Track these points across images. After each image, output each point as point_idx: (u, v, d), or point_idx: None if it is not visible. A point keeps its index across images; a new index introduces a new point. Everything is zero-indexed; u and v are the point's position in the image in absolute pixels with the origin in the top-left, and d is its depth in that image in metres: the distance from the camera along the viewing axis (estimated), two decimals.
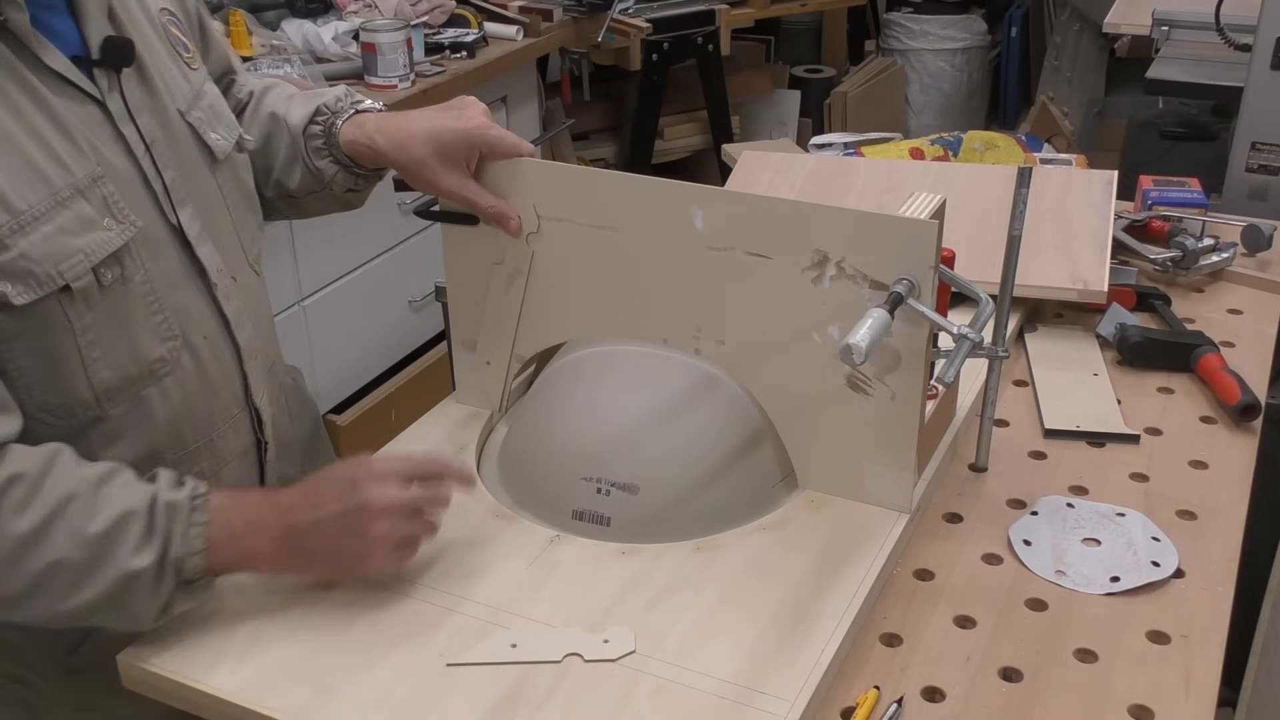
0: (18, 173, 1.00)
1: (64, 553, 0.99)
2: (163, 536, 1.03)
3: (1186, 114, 3.00)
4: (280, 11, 2.90)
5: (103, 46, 1.09)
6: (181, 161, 1.15)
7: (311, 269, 2.62)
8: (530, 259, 1.31)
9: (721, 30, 3.79)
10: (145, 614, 1.04)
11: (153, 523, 1.03)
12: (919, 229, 1.12)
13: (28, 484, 0.99)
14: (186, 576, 1.04)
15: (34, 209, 1.01)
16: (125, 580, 1.01)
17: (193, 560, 1.04)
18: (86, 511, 1.01)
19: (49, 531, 0.99)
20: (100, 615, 1.04)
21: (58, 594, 1.01)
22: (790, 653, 1.05)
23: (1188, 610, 1.14)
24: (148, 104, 1.13)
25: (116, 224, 1.07)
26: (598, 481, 1.21)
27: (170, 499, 1.04)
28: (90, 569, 1.00)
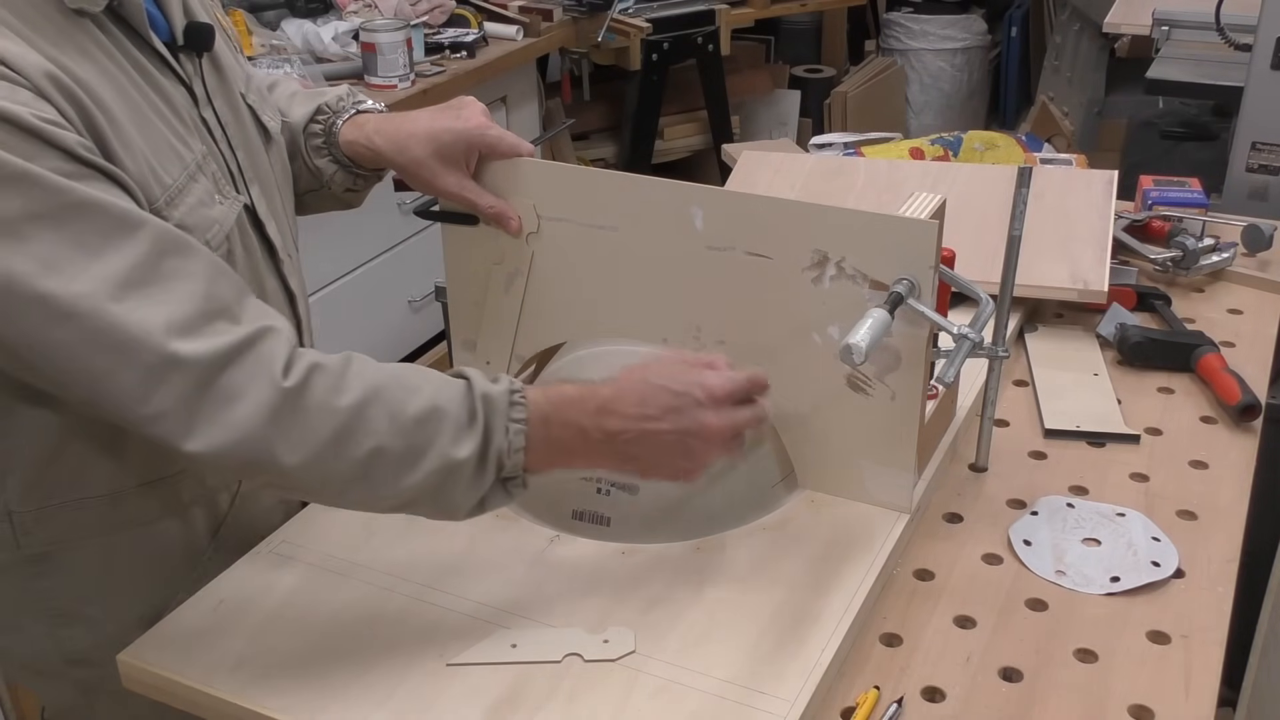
0: (159, 148, 1.04)
1: (383, 439, 0.98)
2: (483, 428, 1.00)
3: (1186, 114, 3.00)
4: (280, 11, 2.90)
5: (186, 32, 1.11)
6: (248, 142, 1.19)
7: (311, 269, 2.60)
8: (530, 259, 1.31)
9: (721, 30, 3.79)
10: (462, 505, 1.03)
11: (472, 412, 1.01)
12: (919, 229, 1.12)
13: (333, 373, 0.98)
14: (506, 474, 1.03)
15: (176, 183, 1.05)
16: (446, 470, 1.00)
17: (513, 458, 1.02)
18: (401, 396, 0.99)
19: (367, 415, 0.98)
20: (420, 503, 1.02)
21: (380, 480, 0.99)
22: (790, 653, 1.05)
23: (1188, 610, 1.14)
24: (220, 88, 1.16)
25: (224, 199, 1.11)
26: (597, 481, 1.21)
27: (486, 390, 1.02)
28: (411, 456, 0.99)
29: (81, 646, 1.20)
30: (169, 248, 0.96)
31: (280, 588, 1.14)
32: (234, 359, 0.95)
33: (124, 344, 0.92)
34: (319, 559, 1.18)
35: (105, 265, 0.92)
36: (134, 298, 0.93)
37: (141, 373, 0.93)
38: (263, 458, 0.96)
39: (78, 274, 0.91)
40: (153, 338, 0.92)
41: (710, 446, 1.07)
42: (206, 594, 1.14)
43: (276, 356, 0.97)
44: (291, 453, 0.96)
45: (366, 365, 1.01)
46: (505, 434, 1.02)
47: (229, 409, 0.94)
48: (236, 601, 1.13)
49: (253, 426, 0.95)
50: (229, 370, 0.94)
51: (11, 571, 1.16)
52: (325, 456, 0.97)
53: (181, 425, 0.94)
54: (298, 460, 0.96)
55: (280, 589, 1.14)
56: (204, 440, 0.94)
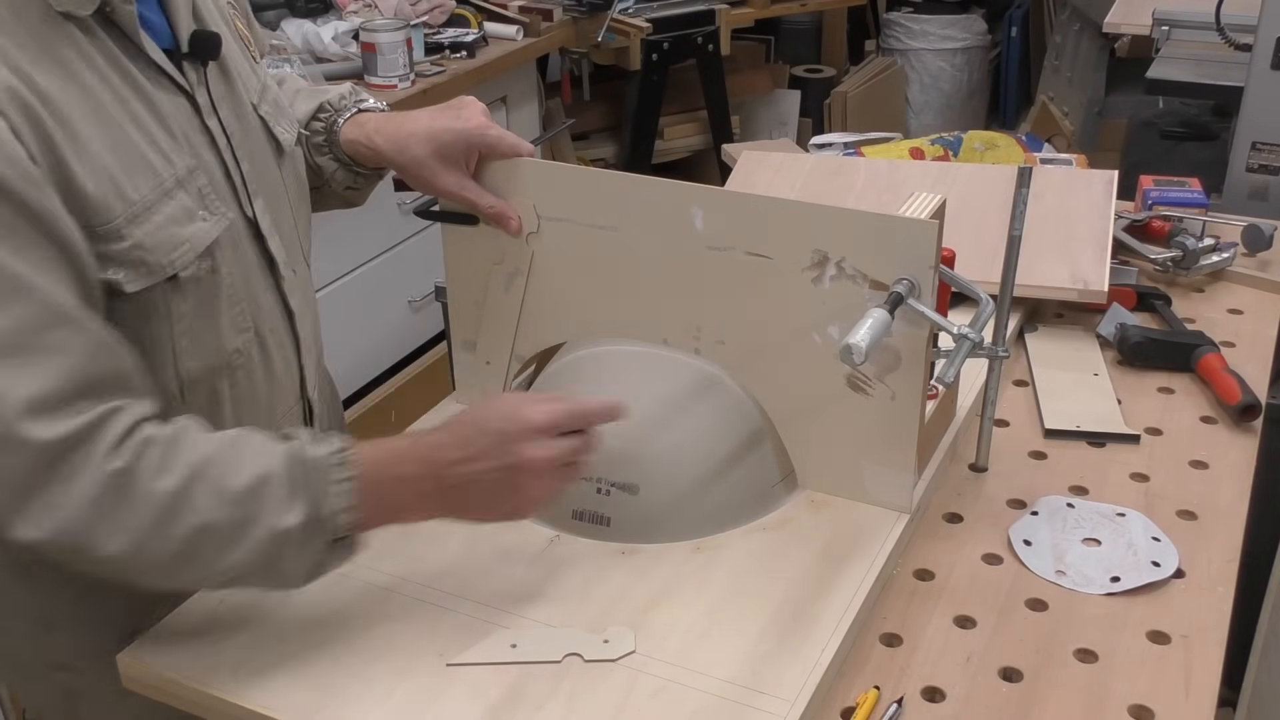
0: (129, 163, 1.01)
1: (209, 515, 0.97)
2: (308, 493, 1.00)
3: (1186, 114, 3.00)
4: (280, 11, 2.90)
5: (191, 39, 1.10)
6: (255, 154, 1.17)
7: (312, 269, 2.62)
8: (530, 259, 1.31)
9: (721, 30, 3.79)
10: (296, 573, 1.02)
11: (296, 479, 1.00)
12: (919, 229, 1.12)
13: (162, 447, 0.97)
14: (337, 535, 1.02)
15: (145, 199, 1.02)
16: (274, 541, 0.99)
17: (341, 519, 1.01)
18: (225, 470, 0.98)
19: (191, 493, 0.97)
20: (252, 577, 1.02)
21: (209, 558, 0.98)
22: (790, 653, 1.05)
23: (1188, 610, 1.14)
24: (227, 97, 1.14)
25: (210, 215, 1.08)
26: (598, 481, 1.21)
27: (312, 455, 1.01)
28: (237, 530, 0.98)
29: (64, 652, 1.19)
30: (52, 321, 0.94)
31: None
32: (75, 445, 0.94)
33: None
34: None
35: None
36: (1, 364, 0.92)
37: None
38: (83, 545, 0.95)
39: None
40: (5, 411, 0.91)
41: (534, 479, 1.06)
42: (206, 594, 1.14)
43: (112, 436, 0.96)
44: (113, 540, 0.95)
45: (194, 439, 1.00)
46: (330, 496, 1.01)
47: (58, 494, 0.94)
48: (236, 601, 1.13)
49: (75, 515, 0.94)
50: (67, 456, 0.94)
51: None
52: (148, 541, 0.96)
53: (12, 506, 0.93)
54: (119, 548, 0.96)
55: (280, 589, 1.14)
56: (27, 528, 0.94)
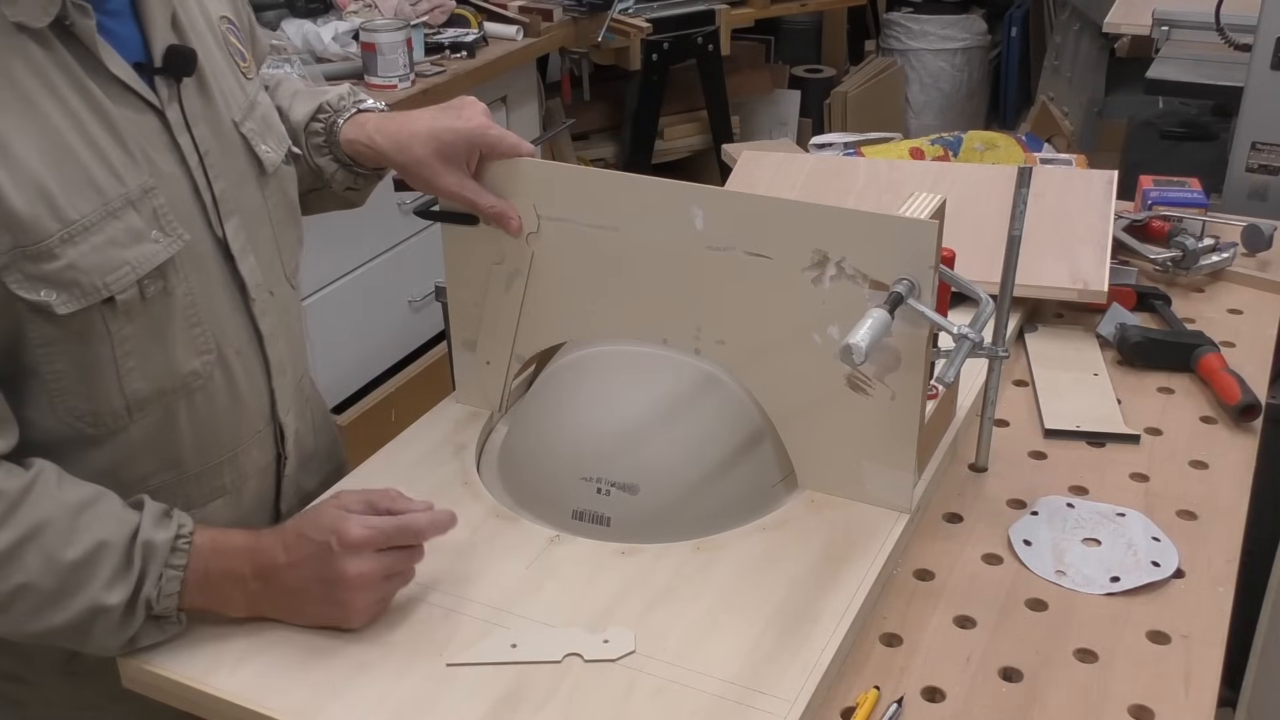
0: (71, 182, 0.99)
1: (33, 577, 0.99)
2: (137, 574, 1.02)
3: (1186, 114, 3.00)
4: (280, 11, 2.90)
5: (166, 55, 1.07)
6: (232, 173, 1.14)
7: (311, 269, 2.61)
8: (530, 259, 1.31)
9: (721, 30, 3.79)
10: (110, 645, 1.05)
11: (130, 559, 1.02)
12: (919, 229, 1.12)
13: (5, 502, 0.98)
14: (157, 614, 1.04)
15: (85, 219, 1.00)
16: (93, 613, 1.01)
17: (165, 601, 1.04)
18: (62, 538, 1.00)
19: (21, 554, 0.98)
20: (64, 640, 1.04)
21: (22, 616, 1.00)
22: (790, 653, 1.05)
23: (1188, 610, 1.14)
24: (204, 114, 1.11)
25: (164, 236, 1.06)
26: (598, 481, 1.21)
27: (150, 538, 1.03)
28: (59, 597, 1.00)
29: (11, 665, 1.17)
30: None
31: None
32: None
33: None
34: None
35: None
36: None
37: None
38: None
39: None
40: None
41: (355, 593, 1.06)
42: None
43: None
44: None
45: (44, 497, 1.00)
46: (158, 580, 1.03)
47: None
48: None
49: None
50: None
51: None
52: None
53: None
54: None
55: None
56: None
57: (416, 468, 1.31)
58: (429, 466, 1.31)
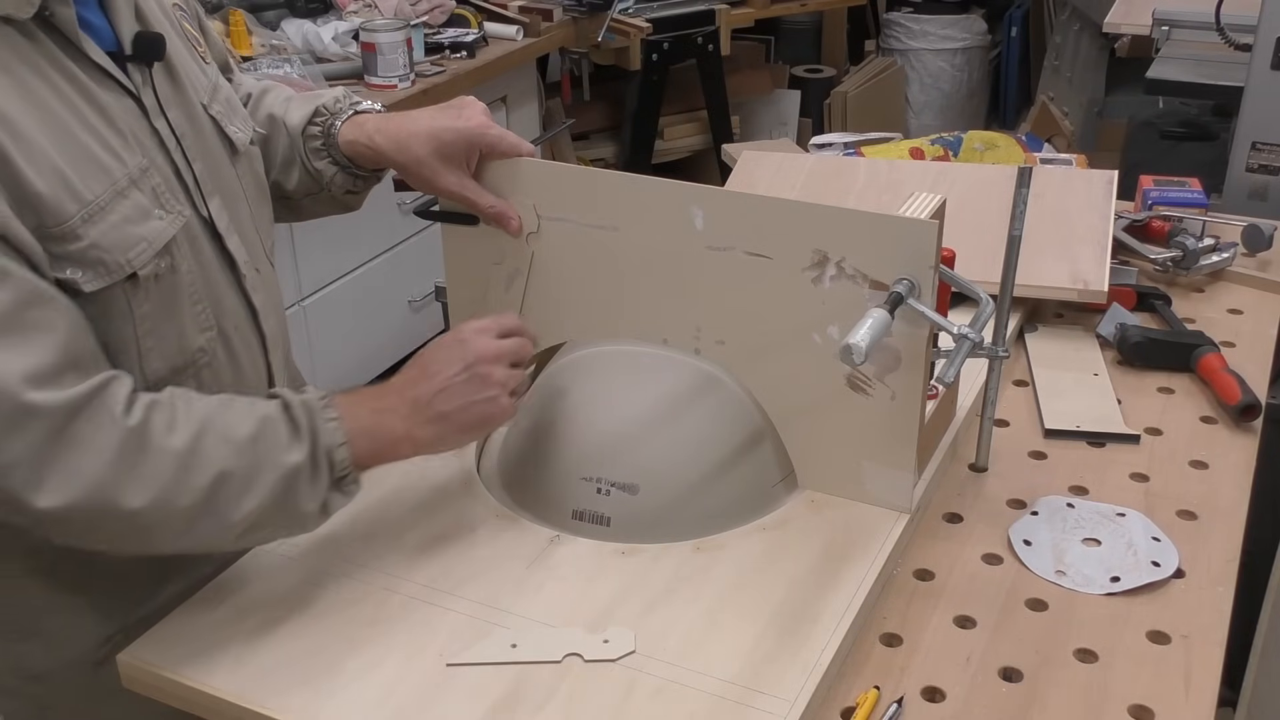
0: (80, 163, 1.02)
1: (224, 463, 1.02)
2: (308, 430, 1.06)
3: (1186, 114, 3.00)
4: (280, 11, 2.91)
5: (134, 41, 1.09)
6: (207, 154, 1.17)
7: (311, 269, 2.62)
8: (530, 259, 1.31)
9: (721, 30, 3.80)
10: (310, 510, 1.07)
11: (294, 420, 1.06)
12: (919, 229, 1.12)
13: (165, 410, 1.02)
14: (338, 472, 1.07)
15: (99, 199, 1.03)
16: (286, 477, 1.04)
17: (340, 451, 1.07)
18: (229, 423, 1.03)
19: (203, 446, 1.01)
20: (270, 521, 1.06)
21: (228, 505, 1.02)
22: (790, 653, 1.05)
23: (1188, 610, 1.14)
24: (175, 98, 1.14)
25: (166, 214, 1.09)
26: (598, 481, 1.21)
27: (301, 399, 1.07)
28: (251, 473, 1.03)
29: (37, 663, 1.18)
30: (32, 299, 0.96)
31: (280, 588, 1.14)
32: (82, 409, 0.97)
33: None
34: (319, 559, 1.18)
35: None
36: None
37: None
38: (110, 504, 0.98)
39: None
40: (9, 387, 0.93)
41: (495, 367, 1.14)
42: (206, 594, 1.14)
43: (117, 400, 0.99)
44: (139, 494, 0.98)
45: (191, 399, 1.05)
46: (328, 431, 1.07)
47: (77, 458, 0.96)
48: (236, 601, 1.13)
49: (100, 473, 0.97)
50: (77, 420, 0.96)
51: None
52: (171, 492, 1.00)
53: (33, 477, 0.95)
54: (145, 500, 0.98)
55: (280, 589, 1.14)
56: (54, 495, 0.96)
57: (417, 467, 1.30)
58: (429, 466, 1.31)
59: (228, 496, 1.02)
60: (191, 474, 1.00)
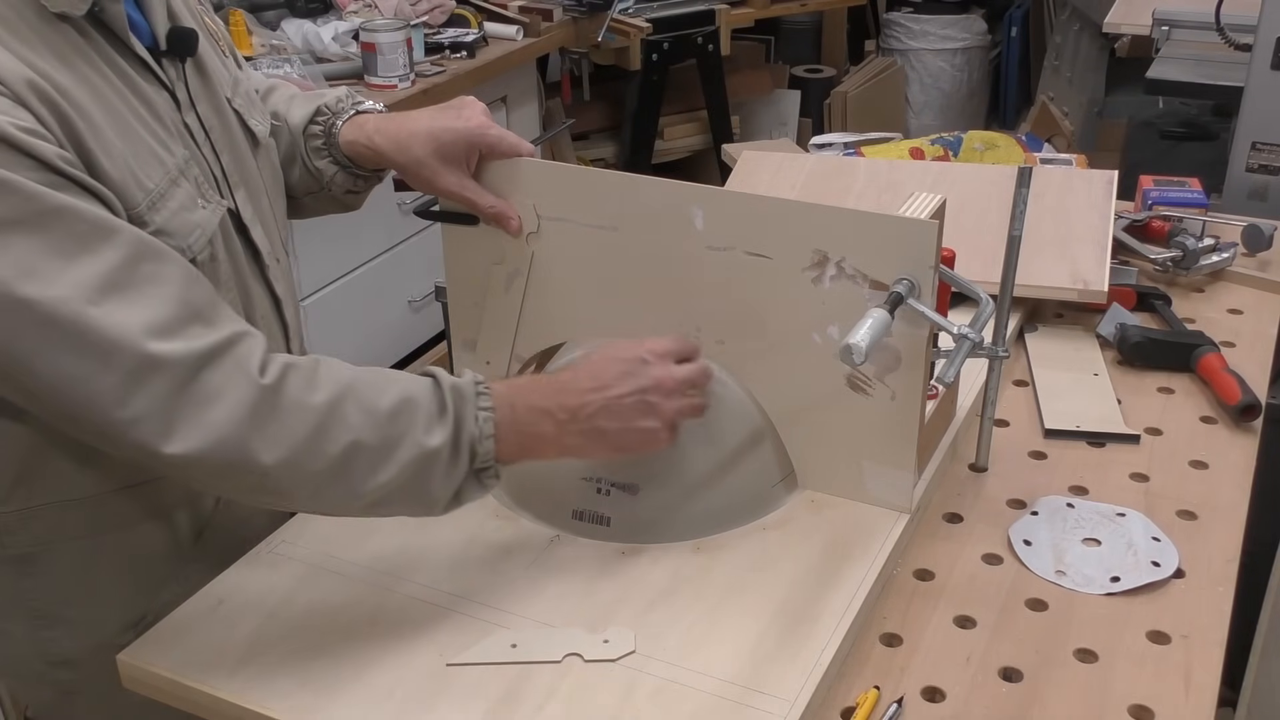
0: (139, 153, 1.04)
1: (360, 433, 0.99)
2: (453, 417, 1.03)
3: (1186, 114, 3.00)
4: (280, 11, 2.91)
5: (169, 36, 1.11)
6: (233, 146, 1.19)
7: (311, 269, 2.62)
8: (530, 259, 1.31)
9: (721, 30, 3.79)
10: (440, 496, 1.05)
11: (442, 403, 1.04)
12: (919, 229, 1.12)
13: (305, 371, 1.00)
14: (479, 463, 1.05)
15: (158, 187, 1.04)
16: (423, 459, 1.02)
17: (484, 444, 1.05)
18: (372, 392, 1.01)
19: (342, 410, 0.99)
20: (398, 499, 1.04)
21: (359, 476, 1.00)
22: (790, 653, 1.05)
23: (1188, 610, 1.14)
24: (204, 92, 1.16)
25: (207, 204, 1.11)
26: (598, 481, 1.21)
27: (454, 382, 1.05)
28: (386, 448, 1.01)
29: (63, 649, 1.19)
30: (145, 253, 0.96)
31: (280, 588, 1.14)
32: (211, 361, 0.96)
33: (103, 347, 0.92)
34: (319, 559, 1.18)
35: (82, 270, 0.92)
36: (111, 301, 0.93)
37: (121, 375, 0.93)
38: (242, 457, 0.96)
39: (55, 279, 0.91)
40: (132, 340, 0.93)
41: (667, 400, 1.11)
42: (206, 594, 1.14)
43: (252, 357, 0.98)
44: (270, 451, 0.97)
45: (335, 365, 1.03)
46: (475, 421, 1.04)
47: (208, 409, 0.95)
48: (236, 601, 1.13)
49: (231, 426, 0.95)
50: (206, 371, 0.95)
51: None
52: (303, 454, 0.98)
53: (161, 427, 0.94)
54: (276, 458, 0.97)
55: (280, 589, 1.14)
56: (184, 442, 0.94)
57: None
58: None
59: (359, 468, 1.00)
60: (325, 439, 0.98)
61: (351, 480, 1.00)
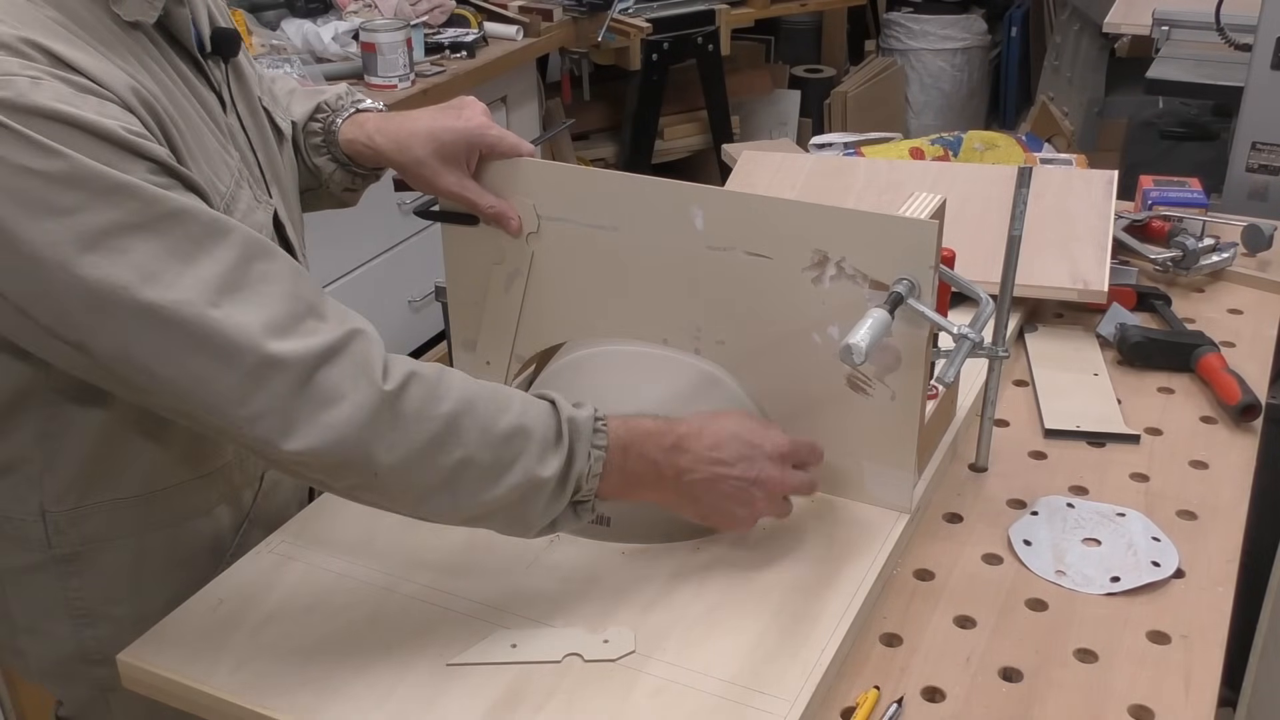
0: (211, 158, 1.05)
1: (473, 450, 1.00)
2: (567, 449, 1.04)
3: (1186, 114, 3.00)
4: (280, 11, 2.90)
5: (213, 39, 1.12)
6: (266, 145, 1.20)
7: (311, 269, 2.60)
8: (530, 259, 1.31)
9: (721, 30, 3.79)
10: (536, 524, 1.05)
11: (559, 433, 1.04)
12: (919, 229, 1.12)
13: (428, 381, 1.00)
14: (580, 497, 1.06)
15: (229, 190, 1.06)
16: (529, 486, 1.02)
17: (591, 482, 1.05)
18: (492, 411, 1.02)
19: (460, 425, 1.00)
20: (497, 517, 1.04)
21: (468, 491, 1.01)
22: (790, 653, 1.05)
23: (1188, 610, 1.14)
24: (241, 92, 1.17)
25: (259, 203, 1.12)
26: None
27: (573, 415, 1.05)
28: (497, 469, 1.01)
29: (105, 647, 1.18)
30: (256, 251, 0.97)
31: (280, 588, 1.14)
32: (330, 358, 0.96)
33: (224, 348, 0.93)
34: (319, 559, 1.18)
35: (201, 271, 0.93)
36: (230, 302, 0.93)
37: (242, 375, 0.93)
38: (358, 458, 0.97)
39: (175, 281, 0.92)
40: (252, 340, 0.93)
41: (768, 499, 1.13)
42: (206, 594, 1.14)
43: (374, 359, 0.98)
44: (387, 454, 0.97)
45: (457, 378, 1.03)
46: (587, 459, 1.05)
47: (329, 409, 0.95)
48: (236, 601, 1.13)
49: (352, 427, 0.95)
50: (325, 369, 0.95)
51: (40, 572, 1.16)
52: (417, 462, 0.98)
53: (281, 424, 0.94)
54: (391, 463, 0.97)
55: (280, 589, 1.14)
56: (303, 439, 0.95)
57: None
58: None
59: (468, 484, 1.01)
60: (440, 451, 0.99)
61: (458, 494, 1.01)
